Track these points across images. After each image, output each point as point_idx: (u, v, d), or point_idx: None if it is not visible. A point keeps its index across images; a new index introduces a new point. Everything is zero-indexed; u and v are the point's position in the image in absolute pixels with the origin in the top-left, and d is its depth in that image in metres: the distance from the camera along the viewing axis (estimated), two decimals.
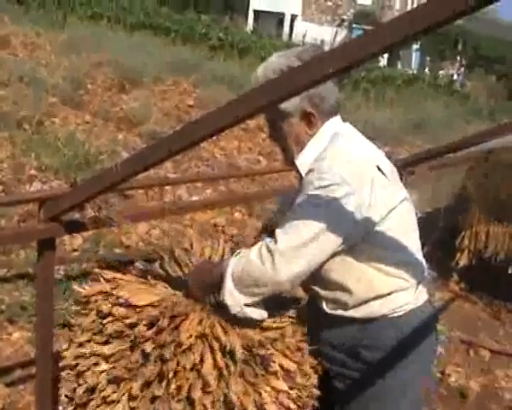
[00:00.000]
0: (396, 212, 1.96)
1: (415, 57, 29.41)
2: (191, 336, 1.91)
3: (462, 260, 5.70)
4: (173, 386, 1.90)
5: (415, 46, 28.36)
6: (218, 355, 1.91)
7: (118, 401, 1.98)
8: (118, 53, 10.28)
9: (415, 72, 25.51)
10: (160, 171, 6.25)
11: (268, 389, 1.94)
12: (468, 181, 5.86)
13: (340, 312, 2.05)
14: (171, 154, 1.79)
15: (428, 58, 28.32)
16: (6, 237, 2.31)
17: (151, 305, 2.01)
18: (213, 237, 2.50)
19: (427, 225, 5.73)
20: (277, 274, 1.85)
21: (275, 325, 2.06)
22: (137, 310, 2.00)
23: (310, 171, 1.97)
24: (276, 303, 2.10)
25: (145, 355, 1.93)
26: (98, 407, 2.01)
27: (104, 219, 2.38)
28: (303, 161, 2.04)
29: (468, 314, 5.38)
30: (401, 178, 4.25)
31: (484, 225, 5.62)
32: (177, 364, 1.89)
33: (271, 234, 2.05)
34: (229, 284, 1.94)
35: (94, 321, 2.09)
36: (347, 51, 1.35)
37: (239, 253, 2.01)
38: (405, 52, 28.02)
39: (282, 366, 1.97)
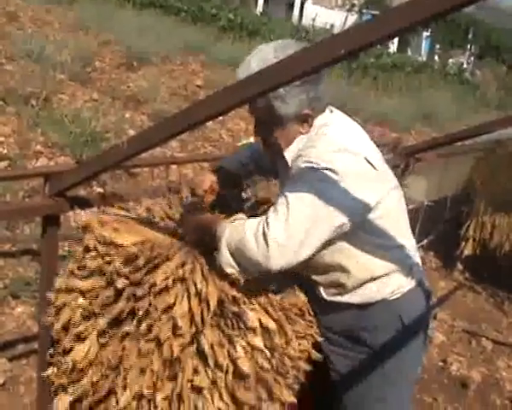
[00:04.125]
0: (386, 201, 1.97)
1: (425, 45, 29.18)
2: (167, 278, 1.91)
3: (467, 250, 5.70)
4: (144, 325, 1.90)
5: (425, 33, 28.13)
6: (194, 301, 1.90)
7: (87, 338, 2.01)
8: (126, 32, 10.20)
9: (424, 59, 25.34)
10: (167, 151, 6.23)
11: (243, 343, 1.94)
12: (474, 171, 5.84)
13: (338, 298, 2.08)
14: (175, 133, 1.78)
15: (438, 46, 28.09)
16: (11, 211, 2.30)
17: (133, 244, 2.02)
18: None
19: (432, 213, 5.73)
20: (269, 263, 1.85)
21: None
22: (119, 249, 2.02)
23: (298, 156, 1.98)
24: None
25: (118, 292, 1.95)
26: (70, 342, 2.04)
27: (109, 195, 2.37)
28: (291, 151, 2.04)
29: (472, 304, 5.37)
30: (408, 165, 4.28)
31: (489, 216, 5.61)
32: (150, 304, 1.90)
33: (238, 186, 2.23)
34: (225, 254, 1.95)
35: (80, 255, 2.13)
36: (358, 34, 1.34)
37: (235, 219, 2.01)
38: (416, 39, 27.80)
39: (261, 323, 1.96)
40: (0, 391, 3.15)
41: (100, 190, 4.67)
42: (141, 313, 1.91)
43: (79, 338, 2.04)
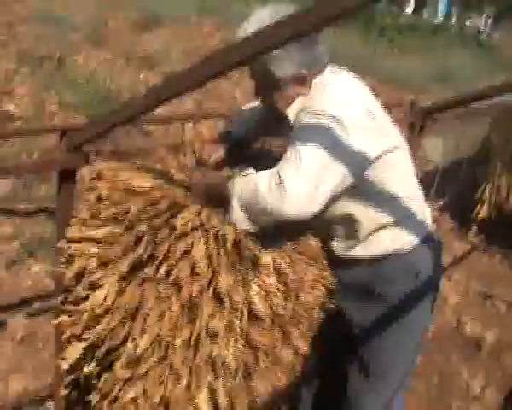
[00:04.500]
0: (390, 154, 1.98)
1: (441, 6, 28.73)
2: (187, 222, 1.92)
3: (482, 212, 5.66)
4: (162, 270, 1.91)
5: None
6: (212, 243, 1.91)
7: (104, 284, 2.00)
8: None
9: (441, 20, 24.97)
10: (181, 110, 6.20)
11: (258, 286, 1.95)
12: (491, 133, 5.77)
13: (351, 253, 2.13)
14: (188, 87, 1.76)
15: (455, 7, 27.66)
16: (27, 167, 2.31)
17: (151, 190, 2.03)
18: None
19: (448, 175, 5.70)
20: (284, 213, 1.84)
21: None
22: (136, 194, 2.02)
23: (300, 111, 1.98)
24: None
25: (137, 237, 1.95)
26: (85, 290, 2.05)
27: (124, 151, 2.37)
28: (292, 109, 2.04)
29: (486, 266, 5.36)
30: (425, 125, 4.24)
31: (506, 179, 5.55)
32: (169, 248, 1.91)
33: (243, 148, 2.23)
34: (236, 208, 1.96)
35: (92, 204, 2.12)
36: None
37: (245, 175, 2.00)
38: (432, 0, 27.38)
39: (274, 265, 1.97)
40: (18, 347, 3.20)
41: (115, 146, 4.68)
42: (160, 257, 1.91)
43: (95, 286, 2.04)
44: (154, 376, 2.00)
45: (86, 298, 2.05)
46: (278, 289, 1.99)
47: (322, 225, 2.10)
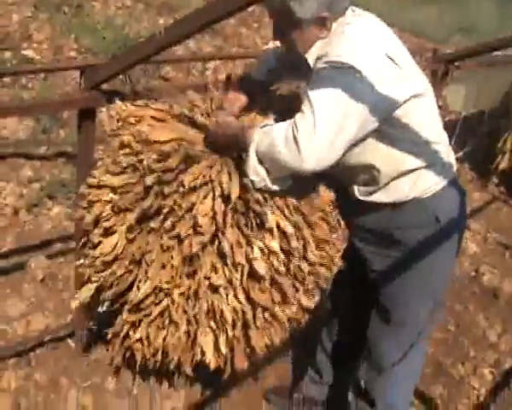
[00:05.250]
0: (414, 100, 1.93)
1: None
2: (196, 179, 1.93)
3: (503, 163, 5.60)
4: (168, 222, 1.95)
5: None
6: (218, 200, 1.93)
7: (114, 232, 2.08)
8: None
9: None
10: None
11: (261, 245, 1.97)
12: None
13: (371, 198, 2.09)
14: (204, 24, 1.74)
15: None
16: (48, 105, 2.30)
17: (167, 142, 2.04)
18: None
19: (470, 125, 5.63)
20: (302, 165, 1.83)
21: None
22: (152, 146, 2.03)
23: (320, 57, 1.93)
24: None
25: (147, 189, 1.99)
26: (100, 236, 2.11)
27: (143, 91, 2.36)
28: (311, 53, 1.99)
29: (505, 217, 5.33)
30: (447, 73, 4.17)
31: None
32: (175, 202, 1.94)
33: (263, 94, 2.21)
34: (253, 160, 1.95)
35: (115, 151, 2.15)
36: None
37: (264, 125, 1.99)
38: None
39: (278, 226, 1.98)
40: (39, 287, 3.25)
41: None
42: (166, 210, 1.95)
43: (108, 232, 2.10)
44: (156, 323, 2.11)
45: (99, 244, 2.12)
46: (282, 250, 2.01)
47: (340, 174, 2.08)
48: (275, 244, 1.98)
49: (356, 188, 2.12)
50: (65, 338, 2.93)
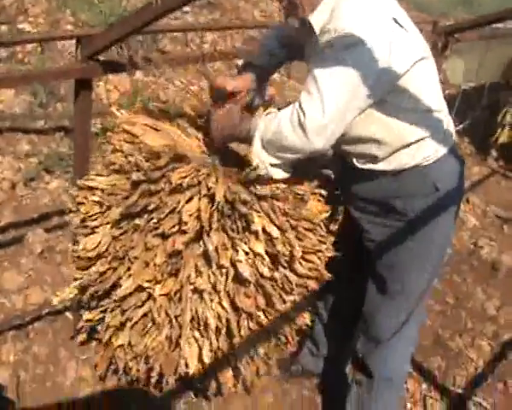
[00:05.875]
0: (418, 64, 1.90)
1: None
2: (183, 178, 1.93)
3: (502, 137, 5.60)
4: (153, 220, 1.95)
5: None
6: (204, 201, 1.93)
7: (99, 230, 2.11)
8: None
9: None
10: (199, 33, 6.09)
11: (246, 248, 1.97)
12: None
13: (371, 166, 2.05)
14: None
15: None
16: (45, 74, 2.27)
17: (160, 146, 2.04)
18: None
19: (469, 98, 5.60)
20: (310, 145, 1.85)
21: (269, 187, 2.04)
22: (144, 147, 2.04)
23: (325, 32, 1.89)
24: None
25: (133, 186, 1.99)
26: (86, 236, 2.14)
27: (141, 61, 2.34)
28: (316, 18, 1.93)
29: (505, 191, 5.32)
30: (447, 45, 4.14)
31: None
32: (161, 200, 1.94)
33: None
34: (257, 146, 1.97)
35: (107, 156, 2.18)
36: None
37: (269, 113, 2.00)
38: None
39: (264, 229, 1.97)
40: (37, 260, 3.24)
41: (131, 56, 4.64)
42: (151, 207, 1.95)
43: (95, 231, 2.13)
44: (139, 326, 2.12)
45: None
46: (267, 253, 2.00)
47: (342, 145, 2.05)
48: (260, 247, 1.98)
49: (355, 159, 2.10)
50: (63, 311, 2.92)
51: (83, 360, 2.73)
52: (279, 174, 2.02)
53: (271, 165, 1.98)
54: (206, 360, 2.09)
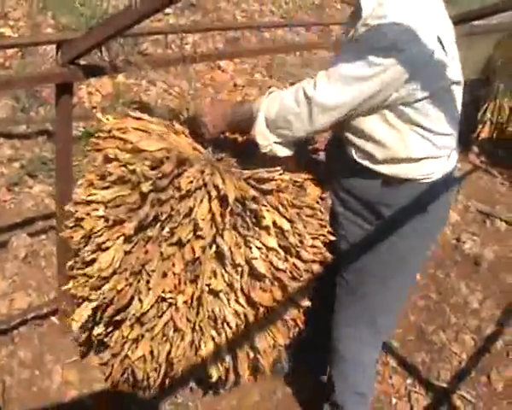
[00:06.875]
0: (447, 88, 1.89)
1: None
2: (191, 182, 1.92)
3: (484, 133, 5.63)
4: (166, 229, 1.93)
5: None
6: (214, 202, 1.93)
7: (111, 247, 2.02)
8: None
9: None
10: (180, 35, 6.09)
11: (259, 244, 1.97)
12: (496, 52, 5.69)
13: (368, 163, 2.01)
14: None
15: None
16: (25, 80, 2.27)
17: (158, 150, 2.01)
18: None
19: None
20: (312, 123, 1.87)
21: (275, 177, 2.05)
22: (143, 154, 1.99)
23: (366, 25, 1.83)
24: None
25: (142, 197, 1.95)
26: (93, 252, 2.06)
27: (122, 64, 2.34)
28: (366, 3, 1.86)
29: (487, 186, 5.36)
30: None
31: (508, 99, 5.49)
32: (172, 208, 1.92)
33: None
34: (261, 124, 1.99)
35: (99, 165, 2.12)
36: None
37: (270, 93, 2.01)
38: None
39: (274, 223, 1.98)
40: (22, 265, 3.24)
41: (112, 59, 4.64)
42: (164, 217, 1.92)
43: (102, 248, 2.04)
44: (160, 335, 2.06)
45: (93, 261, 2.07)
46: (279, 246, 2.01)
47: (346, 131, 2.03)
48: (273, 241, 1.98)
49: (354, 151, 2.05)
50: (48, 316, 2.93)
51: (68, 364, 2.73)
52: (283, 152, 2.04)
53: (275, 143, 2.01)
54: (226, 357, 2.11)
